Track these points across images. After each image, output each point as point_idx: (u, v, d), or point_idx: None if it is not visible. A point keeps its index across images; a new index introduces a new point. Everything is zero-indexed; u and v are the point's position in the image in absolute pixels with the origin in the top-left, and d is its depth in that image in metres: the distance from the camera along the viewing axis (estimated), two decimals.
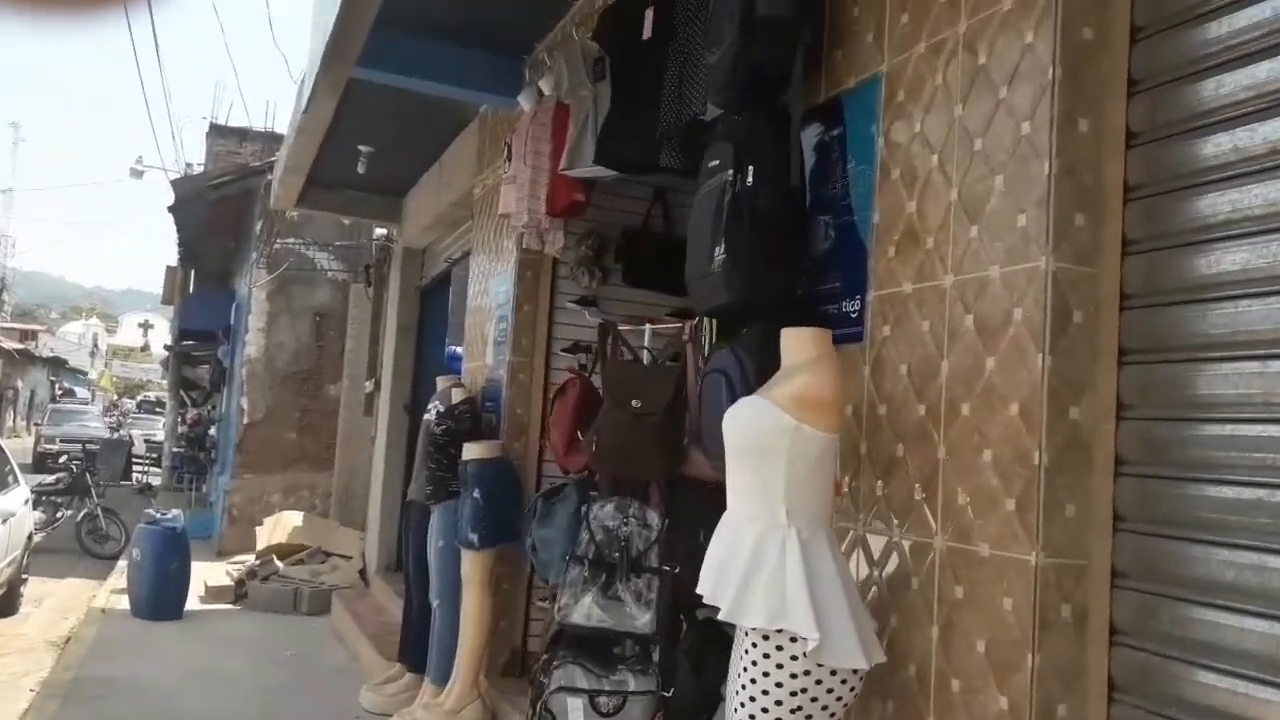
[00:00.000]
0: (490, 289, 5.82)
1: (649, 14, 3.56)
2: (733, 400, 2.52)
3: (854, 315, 2.48)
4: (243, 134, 15.51)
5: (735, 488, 2.17)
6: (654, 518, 3.01)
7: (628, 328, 3.34)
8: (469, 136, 6.68)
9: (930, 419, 2.19)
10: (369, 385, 9.78)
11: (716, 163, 2.63)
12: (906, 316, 2.30)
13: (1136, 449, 1.97)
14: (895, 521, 2.28)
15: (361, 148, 7.45)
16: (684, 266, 5.81)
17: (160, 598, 7.39)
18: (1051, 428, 1.93)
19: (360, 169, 7.59)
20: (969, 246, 2.14)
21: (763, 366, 2.50)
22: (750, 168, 2.52)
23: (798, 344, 2.17)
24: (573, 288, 5.48)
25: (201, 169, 15.49)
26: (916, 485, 2.21)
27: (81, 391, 43.45)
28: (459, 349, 9.65)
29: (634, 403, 2.88)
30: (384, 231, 9.63)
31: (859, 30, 2.61)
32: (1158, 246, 1.97)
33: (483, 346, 5.90)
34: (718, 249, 2.54)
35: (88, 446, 14.53)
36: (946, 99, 2.26)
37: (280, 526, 9.23)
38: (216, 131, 15.72)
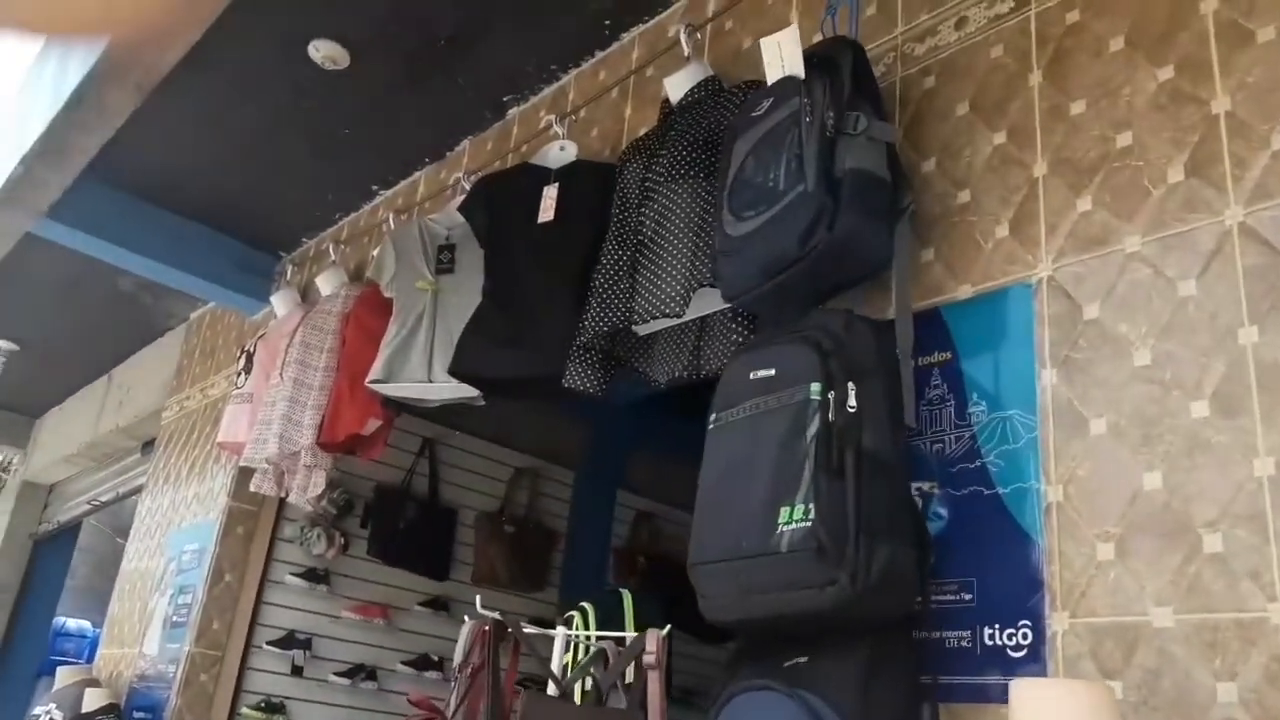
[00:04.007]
0: (169, 546, 4.20)
1: (550, 192, 2.61)
2: None
3: (1019, 653, 1.46)
4: None
5: None
6: None
7: (534, 630, 2.03)
8: (165, 346, 5.19)
9: None
10: None
11: (770, 373, 1.61)
12: (1168, 667, 1.32)
13: None
14: None
15: (1, 343, 5.71)
16: (444, 542, 4.65)
17: None
18: None
19: None
20: None
21: None
22: (851, 386, 1.53)
23: (1085, 711, 1.10)
24: (298, 556, 4.04)
25: None
26: None
27: None
28: (75, 625, 7.41)
29: None
30: None
31: (974, 219, 1.79)
32: None
33: (141, 627, 4.17)
34: (789, 511, 1.46)
35: None
36: (1210, 319, 1.43)
37: None
38: None
